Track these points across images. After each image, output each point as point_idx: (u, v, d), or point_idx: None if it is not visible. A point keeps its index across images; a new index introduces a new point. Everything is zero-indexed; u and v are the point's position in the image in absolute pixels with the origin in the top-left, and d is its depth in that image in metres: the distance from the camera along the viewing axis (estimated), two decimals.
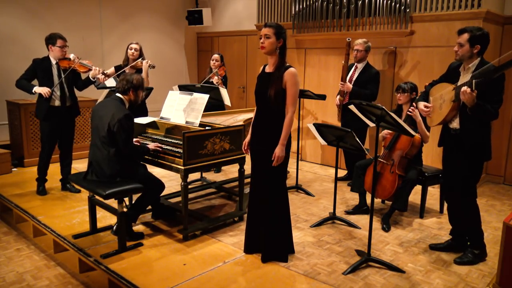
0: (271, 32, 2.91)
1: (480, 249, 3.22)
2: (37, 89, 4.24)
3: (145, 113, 4.84)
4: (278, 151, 2.94)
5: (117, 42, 7.24)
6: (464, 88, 2.79)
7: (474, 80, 2.75)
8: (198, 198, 4.55)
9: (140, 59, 4.81)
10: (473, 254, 3.19)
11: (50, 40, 4.31)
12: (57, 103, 4.35)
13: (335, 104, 5.07)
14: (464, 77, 3.00)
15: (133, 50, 4.80)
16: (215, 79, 5.24)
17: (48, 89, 4.24)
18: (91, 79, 4.46)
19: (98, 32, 7.04)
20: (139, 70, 4.84)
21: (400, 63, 5.21)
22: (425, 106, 3.20)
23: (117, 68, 4.80)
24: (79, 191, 4.59)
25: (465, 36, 2.97)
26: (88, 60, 4.52)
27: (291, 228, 3.26)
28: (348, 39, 4.70)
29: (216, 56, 5.44)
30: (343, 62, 4.79)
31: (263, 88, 2.99)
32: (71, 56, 4.40)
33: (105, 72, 4.51)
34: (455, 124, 3.08)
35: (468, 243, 3.27)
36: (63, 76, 4.32)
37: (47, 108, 4.31)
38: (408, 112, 3.82)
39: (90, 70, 4.42)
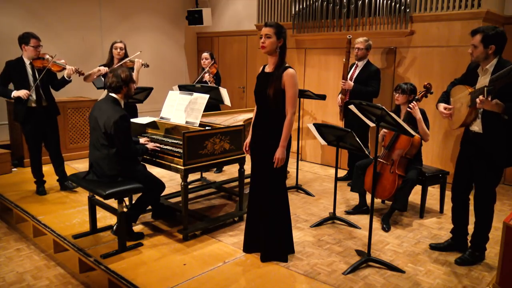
0: (272, 31, 2.91)
1: (480, 251, 3.22)
2: (16, 93, 4.17)
3: (135, 113, 4.81)
4: (279, 153, 2.94)
5: None
6: (479, 99, 2.71)
7: (486, 88, 2.67)
8: (198, 198, 4.55)
9: (127, 59, 4.77)
10: (474, 256, 3.19)
11: (23, 39, 4.21)
12: (33, 104, 4.30)
13: (337, 104, 5.07)
14: (482, 79, 2.93)
15: (118, 50, 4.74)
16: (206, 77, 5.24)
17: (26, 91, 4.18)
18: (66, 78, 4.40)
19: (98, 32, 7.04)
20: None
21: (400, 63, 5.21)
22: (445, 108, 3.13)
23: (103, 67, 4.77)
24: (77, 186, 4.59)
25: (478, 37, 2.87)
26: (63, 60, 4.45)
27: (291, 228, 3.27)
28: (349, 37, 4.70)
29: (205, 54, 5.42)
30: (344, 59, 4.79)
31: (262, 88, 2.99)
32: (46, 56, 4.33)
33: (79, 70, 4.41)
34: (476, 127, 3.01)
35: (469, 243, 3.27)
36: (38, 78, 4.25)
37: (25, 110, 4.25)
38: (408, 109, 3.81)
39: (64, 69, 4.37)
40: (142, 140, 3.62)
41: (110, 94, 3.38)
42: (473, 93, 2.86)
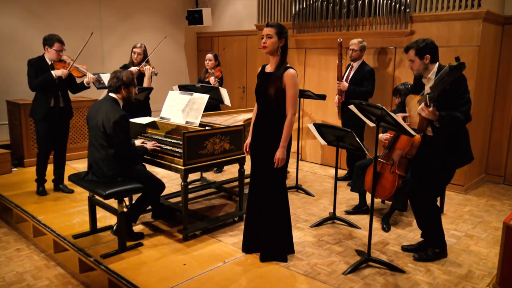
0: (273, 32, 2.91)
1: (441, 248, 3.25)
2: (56, 72, 4.18)
3: (148, 113, 4.85)
4: (279, 153, 2.94)
5: (117, 43, 7.24)
6: (420, 106, 2.82)
7: (427, 95, 2.76)
8: (198, 198, 4.55)
9: (143, 63, 4.82)
10: (434, 253, 3.22)
11: (48, 41, 4.24)
12: (51, 103, 4.30)
13: (335, 105, 5.09)
14: (427, 88, 3.02)
15: (136, 55, 4.81)
16: (211, 80, 5.21)
17: (66, 70, 4.21)
18: (86, 85, 4.41)
19: (98, 33, 7.04)
20: (143, 74, 4.87)
21: (400, 63, 5.20)
22: (403, 118, 3.17)
23: (123, 68, 4.80)
24: (72, 191, 4.58)
25: (411, 52, 3.01)
26: (84, 65, 4.46)
27: (291, 228, 3.27)
28: (339, 40, 4.77)
29: (209, 56, 5.36)
30: (337, 62, 4.84)
31: (263, 87, 2.99)
32: (65, 57, 4.35)
33: (100, 79, 4.42)
34: (429, 132, 3.10)
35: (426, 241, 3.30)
36: (58, 80, 4.24)
37: (47, 108, 4.26)
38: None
39: (84, 75, 4.37)
40: (138, 142, 3.59)
41: (110, 94, 3.37)
42: (419, 101, 2.94)
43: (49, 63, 4.29)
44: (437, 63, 3.03)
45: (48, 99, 4.27)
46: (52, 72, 4.18)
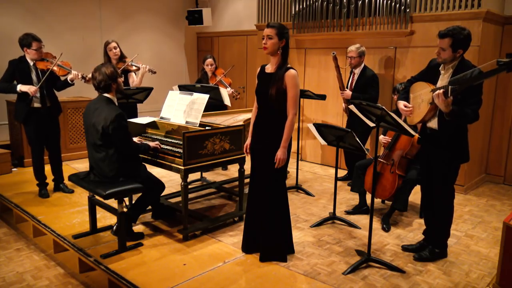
0: (273, 32, 2.91)
1: (441, 249, 3.24)
2: (22, 87, 4.07)
3: (135, 114, 4.80)
4: (280, 153, 2.94)
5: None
6: (439, 91, 2.70)
7: (450, 87, 2.66)
8: (198, 198, 4.55)
9: (129, 62, 4.72)
10: (433, 253, 3.21)
11: (25, 41, 4.13)
12: (37, 104, 4.25)
13: (343, 111, 5.12)
14: (444, 77, 2.97)
15: (113, 50, 4.68)
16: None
17: (35, 87, 4.10)
18: (69, 82, 4.33)
19: (98, 33, 7.04)
20: (125, 71, 4.77)
21: (400, 63, 5.21)
22: (405, 106, 3.11)
23: None
24: (72, 191, 4.58)
25: (447, 41, 2.83)
26: (67, 62, 4.38)
27: (291, 228, 3.27)
28: (333, 53, 4.74)
29: (210, 60, 5.40)
30: (336, 73, 4.83)
31: (264, 88, 2.99)
32: (50, 58, 4.28)
33: (84, 75, 4.31)
34: (433, 124, 3.04)
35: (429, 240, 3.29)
36: (42, 79, 4.17)
37: (27, 110, 4.20)
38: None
39: (69, 73, 4.30)
40: (135, 139, 3.58)
41: (102, 94, 3.34)
42: (435, 90, 2.83)
43: (31, 63, 4.21)
44: (461, 57, 2.91)
45: (28, 101, 4.18)
46: (18, 86, 4.09)
